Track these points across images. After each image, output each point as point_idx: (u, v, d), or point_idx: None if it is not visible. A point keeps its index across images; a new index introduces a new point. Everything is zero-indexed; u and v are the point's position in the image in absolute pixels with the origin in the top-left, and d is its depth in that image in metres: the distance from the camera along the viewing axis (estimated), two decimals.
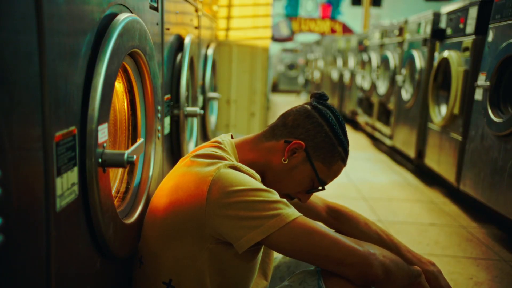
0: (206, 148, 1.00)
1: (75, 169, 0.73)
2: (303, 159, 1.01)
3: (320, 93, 1.09)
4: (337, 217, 1.21)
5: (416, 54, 3.37)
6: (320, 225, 0.88)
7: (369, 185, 3.16)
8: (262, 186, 0.90)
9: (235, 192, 0.85)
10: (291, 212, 0.87)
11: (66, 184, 0.69)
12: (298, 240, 0.86)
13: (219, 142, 1.01)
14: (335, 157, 1.02)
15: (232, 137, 1.09)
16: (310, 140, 1.01)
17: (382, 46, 4.39)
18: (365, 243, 0.89)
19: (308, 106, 1.05)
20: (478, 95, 2.33)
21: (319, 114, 1.03)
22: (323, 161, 1.02)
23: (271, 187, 0.94)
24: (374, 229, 1.17)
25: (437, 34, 3.01)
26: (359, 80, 5.07)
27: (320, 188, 1.05)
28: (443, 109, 2.89)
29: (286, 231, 0.84)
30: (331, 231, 0.88)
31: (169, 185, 0.95)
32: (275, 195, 0.89)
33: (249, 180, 0.89)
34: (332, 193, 2.94)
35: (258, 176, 0.97)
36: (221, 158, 0.94)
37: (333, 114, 1.05)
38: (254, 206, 0.85)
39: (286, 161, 1.01)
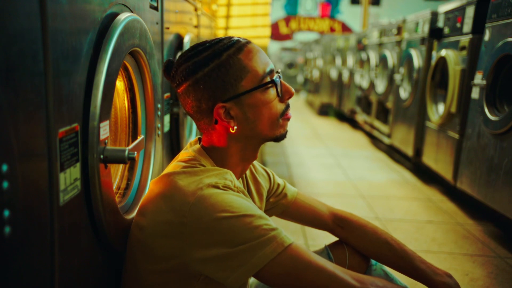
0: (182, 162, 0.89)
1: (78, 164, 0.74)
2: (237, 103, 0.86)
3: (165, 65, 0.92)
4: (344, 226, 1.12)
5: (414, 53, 3.39)
6: (315, 256, 0.79)
7: (367, 183, 3.18)
8: (243, 208, 0.78)
9: (215, 221, 0.76)
10: (280, 241, 0.76)
11: (69, 179, 0.71)
12: (290, 274, 0.76)
13: (194, 159, 0.90)
14: (235, 64, 0.85)
15: (200, 140, 0.98)
16: (214, 95, 0.85)
17: (380, 45, 4.41)
18: (367, 278, 0.79)
19: (177, 88, 0.90)
20: (475, 93, 2.35)
21: (185, 78, 0.86)
22: (239, 78, 0.85)
23: (264, 139, 0.89)
24: (384, 238, 1.07)
25: (435, 33, 3.03)
26: (357, 79, 5.09)
27: (273, 79, 0.88)
28: (441, 108, 2.91)
29: (276, 263, 0.75)
30: (327, 263, 0.79)
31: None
32: (259, 219, 0.78)
33: (229, 202, 0.78)
34: (331, 192, 2.96)
35: (240, 186, 0.89)
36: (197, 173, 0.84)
37: (182, 62, 0.88)
38: (236, 239, 0.76)
39: (235, 127, 0.87)
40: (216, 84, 0.85)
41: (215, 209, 0.77)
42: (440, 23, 3.01)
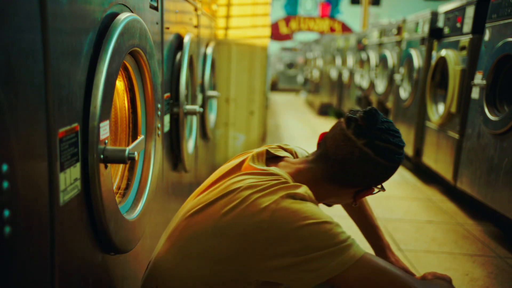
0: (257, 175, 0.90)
1: (78, 164, 0.74)
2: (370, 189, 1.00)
3: (353, 117, 0.97)
4: None
5: (414, 53, 3.39)
6: (387, 264, 0.85)
7: None
8: (323, 216, 0.83)
9: (294, 230, 0.80)
10: (356, 249, 0.81)
11: (69, 179, 0.71)
12: (365, 280, 0.81)
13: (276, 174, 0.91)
14: (390, 173, 0.98)
15: (267, 153, 1.00)
16: (374, 180, 0.97)
17: (380, 45, 4.41)
18: (433, 284, 0.89)
19: (360, 144, 0.93)
20: (475, 93, 2.35)
21: (373, 151, 0.92)
22: (386, 180, 0.99)
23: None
24: (361, 211, 1.23)
25: (435, 33, 3.03)
26: (357, 79, 5.09)
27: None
28: (441, 108, 2.91)
29: (353, 270, 0.79)
30: (399, 271, 0.84)
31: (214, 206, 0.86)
32: (337, 227, 0.83)
33: (308, 210, 0.83)
34: None
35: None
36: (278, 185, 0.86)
37: (379, 132, 0.93)
38: (317, 244, 0.80)
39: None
40: (379, 175, 0.97)
41: (296, 217, 0.81)
42: (440, 23, 3.01)
